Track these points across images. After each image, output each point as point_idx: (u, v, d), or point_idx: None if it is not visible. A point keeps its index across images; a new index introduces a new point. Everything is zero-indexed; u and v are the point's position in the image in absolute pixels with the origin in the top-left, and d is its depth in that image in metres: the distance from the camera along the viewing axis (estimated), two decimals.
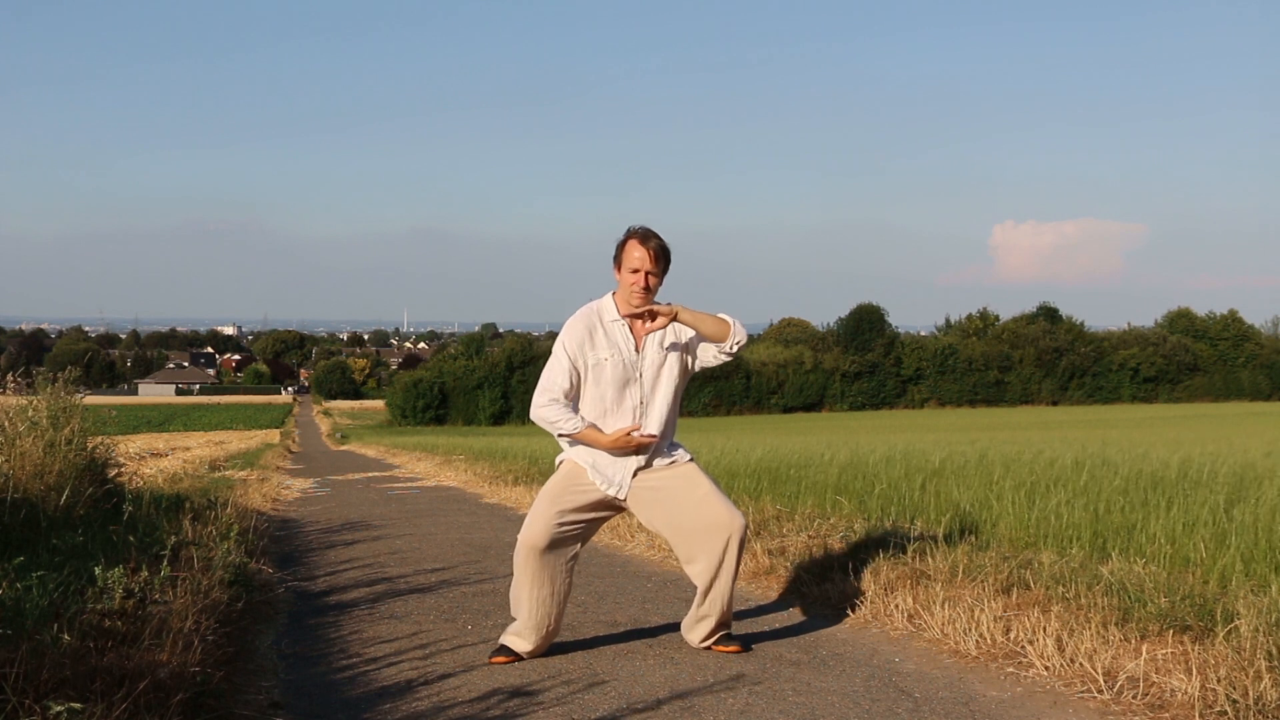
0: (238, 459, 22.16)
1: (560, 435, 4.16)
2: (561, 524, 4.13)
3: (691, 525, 4.14)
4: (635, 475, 4.17)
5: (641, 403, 4.16)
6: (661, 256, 4.10)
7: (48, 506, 5.77)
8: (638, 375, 4.15)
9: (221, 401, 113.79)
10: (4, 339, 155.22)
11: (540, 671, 4.00)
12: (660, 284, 4.14)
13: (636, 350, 4.15)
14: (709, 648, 4.26)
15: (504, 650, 4.17)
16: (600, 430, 4.11)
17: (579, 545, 4.24)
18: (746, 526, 4.18)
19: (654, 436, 4.14)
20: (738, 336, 4.12)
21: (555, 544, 4.12)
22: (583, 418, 4.12)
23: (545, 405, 4.14)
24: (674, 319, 4.08)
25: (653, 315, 4.07)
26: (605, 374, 4.13)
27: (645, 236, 4.10)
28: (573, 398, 4.16)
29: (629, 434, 4.09)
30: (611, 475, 4.17)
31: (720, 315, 4.14)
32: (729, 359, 4.21)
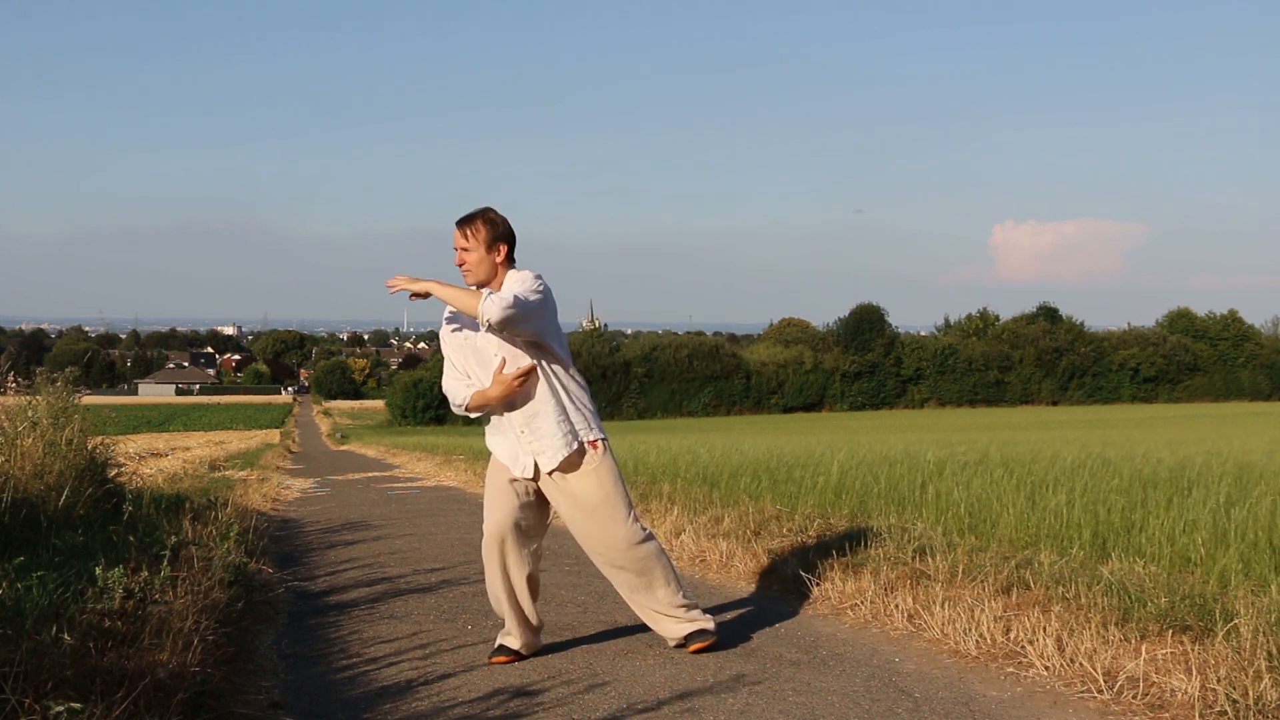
0: (238, 459, 22.16)
1: (464, 409, 4.20)
2: (515, 507, 4.18)
3: (591, 539, 4.22)
4: (536, 463, 4.16)
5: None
6: (475, 234, 4.09)
7: (48, 506, 5.76)
8: (492, 354, 4.15)
9: (221, 401, 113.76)
10: (4, 339, 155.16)
11: (541, 671, 4.00)
12: (489, 255, 4.09)
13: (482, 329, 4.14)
14: (683, 646, 4.26)
15: (503, 650, 4.19)
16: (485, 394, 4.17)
17: (538, 537, 4.27)
18: (642, 542, 4.16)
19: (530, 365, 4.10)
20: (486, 315, 3.97)
21: (516, 530, 4.17)
22: (470, 386, 4.17)
23: (446, 390, 4.26)
24: (428, 296, 4.08)
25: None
26: (468, 356, 4.19)
27: (462, 220, 4.14)
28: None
29: (501, 374, 4.08)
30: (514, 455, 4.21)
31: (479, 292, 4.04)
32: (497, 334, 4.11)
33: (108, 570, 3.97)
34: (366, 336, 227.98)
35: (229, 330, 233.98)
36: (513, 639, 4.22)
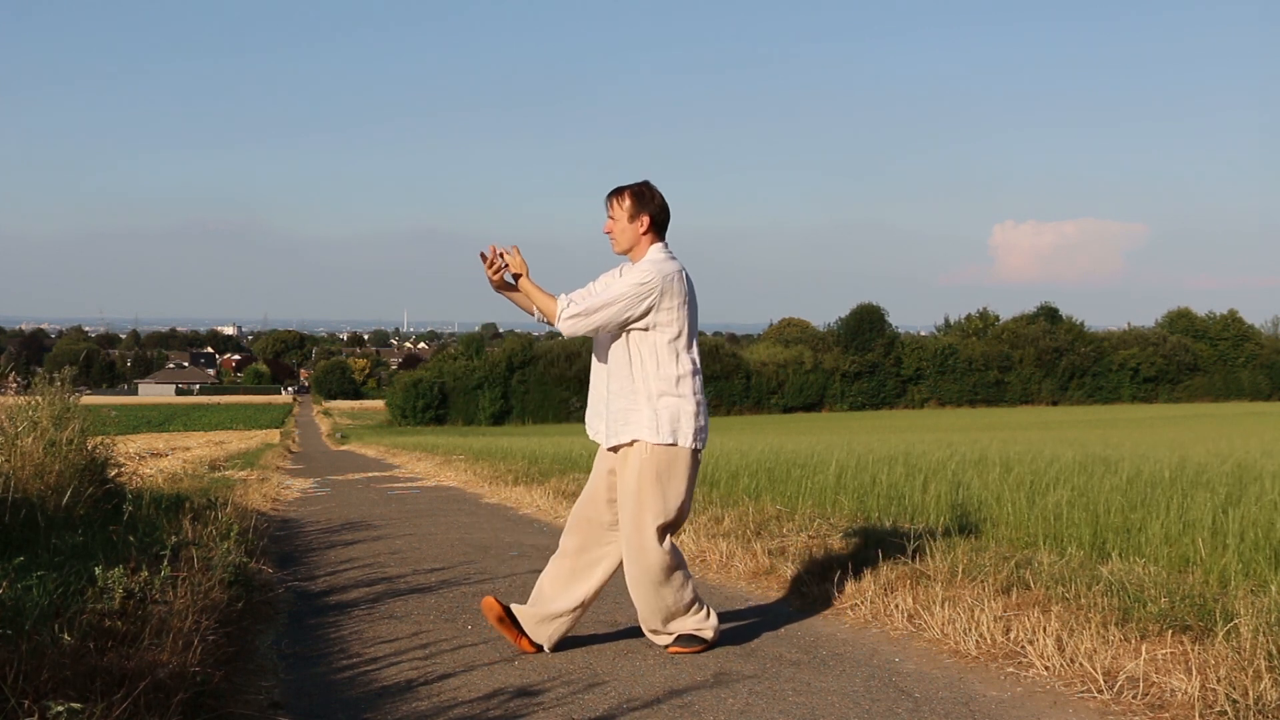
0: (238, 459, 22.15)
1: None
2: (602, 499, 4.22)
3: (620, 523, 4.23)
4: (608, 442, 4.19)
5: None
6: (619, 204, 4.17)
7: (48, 506, 5.76)
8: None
9: (221, 401, 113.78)
10: (4, 339, 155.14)
11: (540, 671, 4.00)
12: (631, 225, 4.16)
13: None
14: (666, 649, 4.27)
15: (510, 614, 4.24)
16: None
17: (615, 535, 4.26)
18: (653, 554, 4.11)
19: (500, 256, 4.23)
20: (560, 328, 4.15)
21: (591, 518, 4.23)
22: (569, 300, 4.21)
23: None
24: (516, 278, 4.24)
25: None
26: None
27: (611, 191, 4.22)
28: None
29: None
30: (592, 420, 4.31)
31: (556, 301, 4.15)
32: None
33: (108, 570, 3.97)
34: (366, 336, 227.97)
35: (229, 330, 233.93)
36: (524, 611, 4.25)
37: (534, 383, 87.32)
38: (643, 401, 4.08)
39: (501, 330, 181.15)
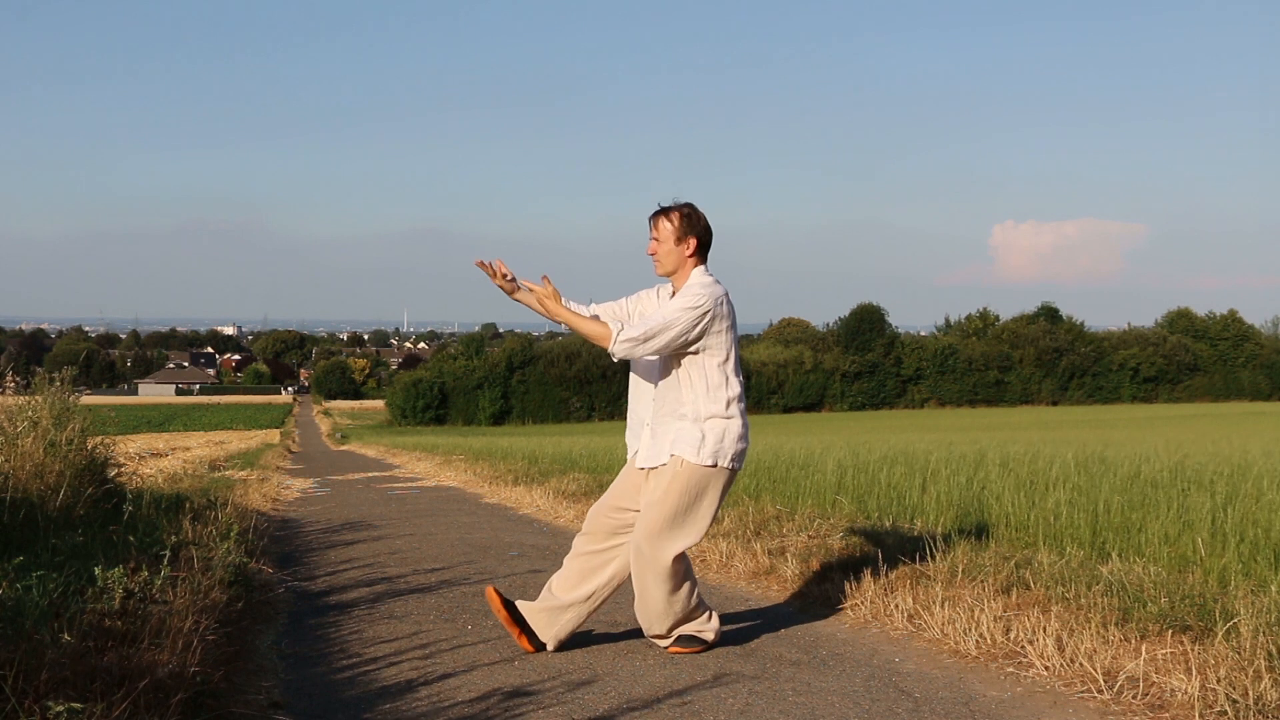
0: (238, 459, 22.14)
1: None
2: (623, 505, 4.23)
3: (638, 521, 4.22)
4: (650, 464, 4.19)
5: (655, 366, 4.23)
6: (661, 225, 4.16)
7: (48, 506, 5.76)
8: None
9: (221, 401, 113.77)
10: (4, 339, 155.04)
11: (540, 671, 4.00)
12: (677, 248, 4.14)
13: None
14: (666, 649, 4.29)
15: (514, 609, 4.24)
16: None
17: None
18: (661, 562, 4.08)
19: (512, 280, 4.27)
20: (612, 351, 4.10)
21: (609, 519, 4.26)
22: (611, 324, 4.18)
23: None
24: (541, 300, 4.19)
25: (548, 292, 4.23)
26: None
27: (655, 212, 4.21)
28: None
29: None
30: (634, 438, 4.32)
31: (603, 324, 4.12)
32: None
33: (108, 570, 3.97)
34: (366, 336, 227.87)
35: (229, 330, 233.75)
36: (531, 607, 4.26)
37: (534, 383, 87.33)
38: (689, 423, 4.09)
39: (501, 330, 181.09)
